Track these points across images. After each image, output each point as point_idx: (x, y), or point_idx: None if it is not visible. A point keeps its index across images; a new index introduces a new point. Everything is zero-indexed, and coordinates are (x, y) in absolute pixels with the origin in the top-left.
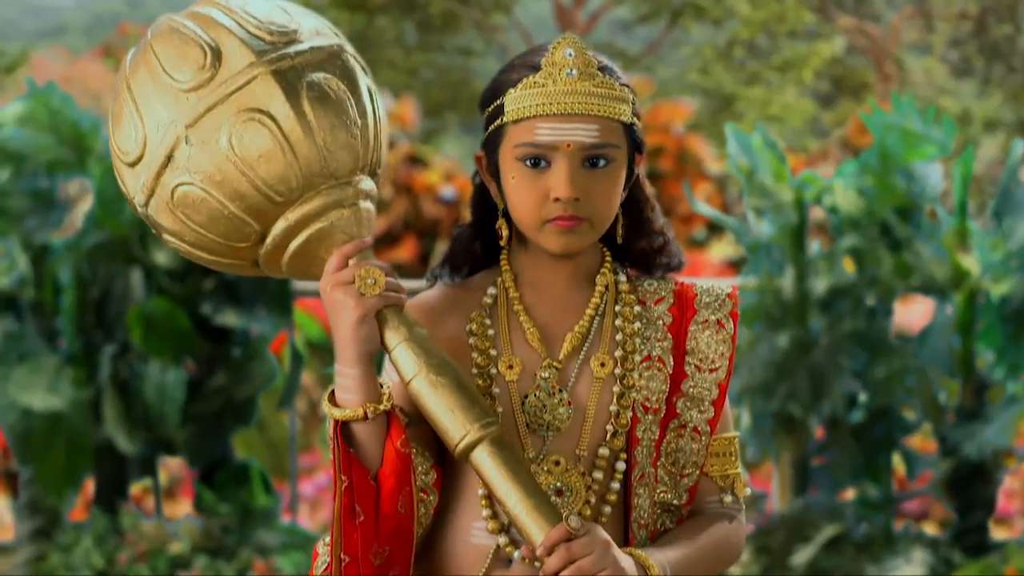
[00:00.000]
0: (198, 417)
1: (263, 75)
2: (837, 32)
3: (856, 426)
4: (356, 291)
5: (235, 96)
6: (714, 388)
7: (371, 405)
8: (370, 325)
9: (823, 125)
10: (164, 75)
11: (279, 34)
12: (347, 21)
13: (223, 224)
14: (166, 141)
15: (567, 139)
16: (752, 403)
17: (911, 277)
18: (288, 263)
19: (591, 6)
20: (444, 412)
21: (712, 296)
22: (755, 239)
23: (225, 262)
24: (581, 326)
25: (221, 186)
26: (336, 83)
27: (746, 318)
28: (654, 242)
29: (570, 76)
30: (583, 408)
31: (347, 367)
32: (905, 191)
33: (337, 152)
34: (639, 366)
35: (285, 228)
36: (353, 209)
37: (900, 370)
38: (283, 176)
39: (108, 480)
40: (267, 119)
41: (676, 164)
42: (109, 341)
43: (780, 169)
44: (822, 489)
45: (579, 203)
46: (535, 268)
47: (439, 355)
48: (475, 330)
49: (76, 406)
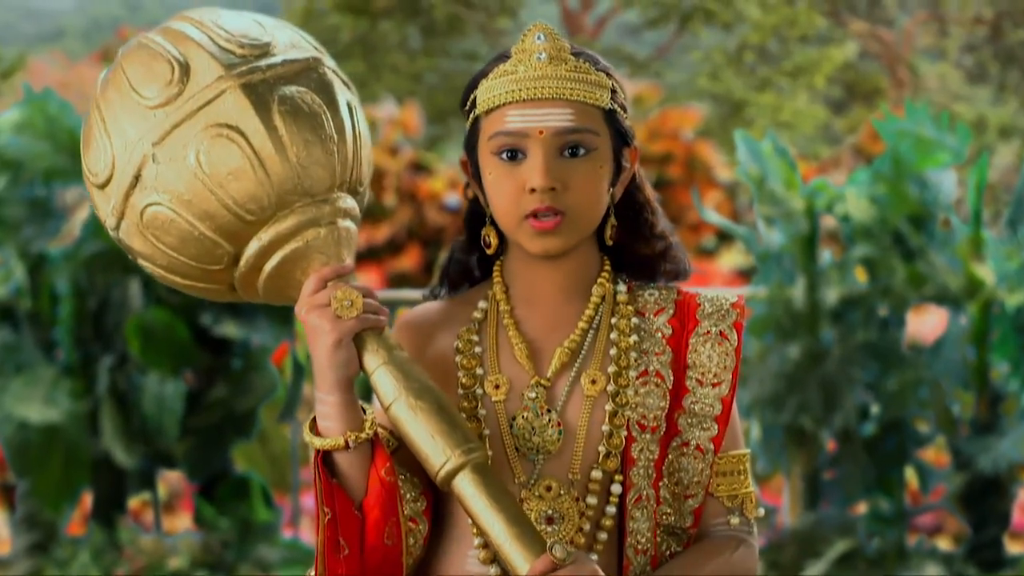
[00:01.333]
0: (197, 430)
1: (232, 89)
2: (849, 37)
3: (868, 439)
4: (332, 314)
5: (203, 111)
6: (717, 404)
7: (352, 433)
8: (348, 349)
9: (835, 132)
10: (132, 92)
11: (251, 47)
12: (350, 26)
13: (194, 246)
14: (133, 160)
15: (539, 125)
16: (762, 415)
17: (924, 287)
18: (264, 286)
19: (599, 10)
20: (424, 438)
21: (715, 306)
22: (765, 248)
23: (200, 286)
24: (572, 340)
25: (190, 206)
26: (311, 97)
27: (756, 329)
28: (656, 247)
29: (539, 60)
30: (573, 429)
31: (326, 393)
32: (918, 199)
33: (312, 168)
34: (634, 382)
35: (259, 249)
36: (330, 228)
37: (913, 382)
38: (254, 194)
39: (106, 494)
40: (236, 135)
41: (685, 171)
42: (107, 352)
43: (791, 177)
44: (834, 503)
45: (556, 194)
46: (527, 279)
47: (420, 379)
48: (462, 347)
49: (73, 418)
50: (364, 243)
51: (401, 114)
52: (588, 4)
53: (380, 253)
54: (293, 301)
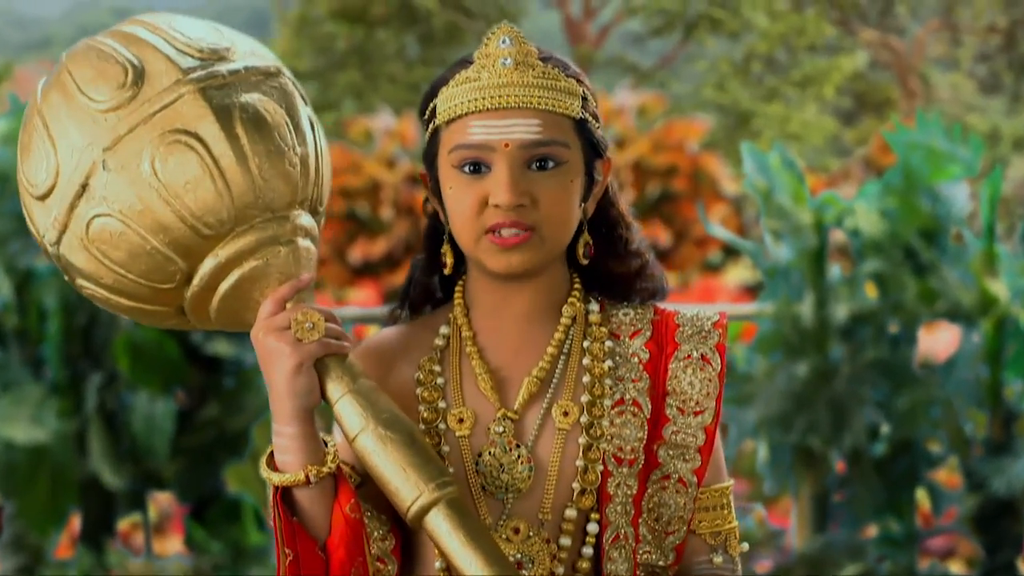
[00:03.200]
0: (188, 450)
1: (191, 93)
2: (859, 46)
3: (879, 459)
4: (292, 337)
5: (159, 116)
6: (700, 434)
7: (313, 468)
8: (308, 375)
9: (844, 143)
10: (79, 95)
11: (210, 51)
12: (346, 34)
13: (144, 261)
14: (81, 167)
15: (503, 137)
16: (770, 435)
17: (936, 303)
18: (218, 308)
19: (602, 18)
20: (394, 472)
21: (695, 327)
22: (773, 263)
23: (147, 308)
24: (540, 369)
25: (142, 217)
26: (273, 106)
27: (763, 346)
28: (631, 265)
29: (504, 66)
30: (545, 465)
31: (284, 425)
32: (930, 213)
33: (273, 182)
34: (609, 412)
35: (215, 267)
36: (291, 247)
37: (925, 401)
38: (212, 206)
39: (94, 516)
40: (195, 142)
41: (690, 184)
42: (96, 370)
43: (799, 190)
44: (843, 526)
45: (524, 210)
46: (490, 301)
47: (388, 408)
48: (423, 379)
49: (60, 438)
50: (360, 258)
51: (398, 125)
52: (591, 13)
53: (377, 268)
54: (248, 327)
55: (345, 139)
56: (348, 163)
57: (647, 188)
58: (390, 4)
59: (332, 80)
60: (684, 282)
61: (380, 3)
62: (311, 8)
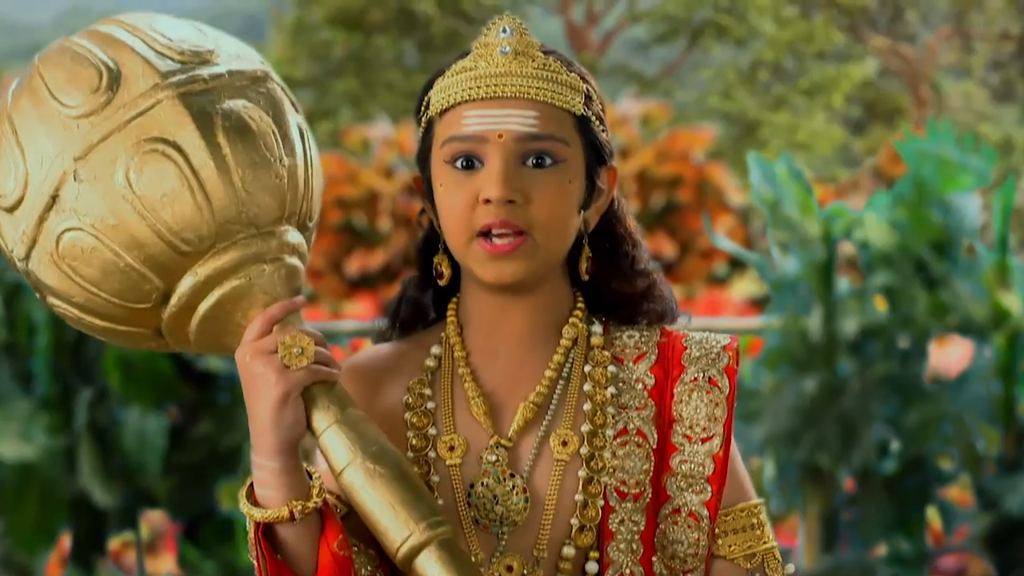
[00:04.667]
0: (181, 467)
1: (169, 99)
2: (869, 53)
3: (888, 477)
4: (279, 363)
5: (135, 123)
6: (708, 462)
7: (298, 503)
8: (295, 406)
9: (853, 153)
10: (51, 100)
11: (191, 54)
12: (343, 41)
13: (118, 279)
14: (51, 177)
15: (498, 127)
16: (776, 452)
17: (948, 317)
18: (197, 330)
19: (605, 25)
20: (383, 509)
21: (703, 349)
22: (780, 276)
23: (121, 330)
24: (538, 394)
25: (116, 231)
26: (259, 114)
27: (770, 361)
28: (637, 285)
29: (503, 54)
30: (541, 498)
31: (266, 459)
32: (941, 224)
33: (258, 195)
34: (612, 442)
35: (193, 286)
36: (276, 265)
37: (936, 417)
38: (191, 221)
39: (85, 534)
40: (173, 151)
41: (695, 195)
42: (86, 385)
43: (807, 201)
44: (852, 545)
45: (515, 208)
46: (485, 319)
47: (378, 440)
48: (412, 402)
49: (50, 455)
50: (357, 270)
51: (396, 134)
52: (594, 19)
53: (374, 281)
54: (230, 351)
55: (342, 148)
56: (345, 173)
57: (651, 199)
58: (388, 10)
59: (329, 88)
60: (689, 295)
61: (378, 9)
62: (307, 14)
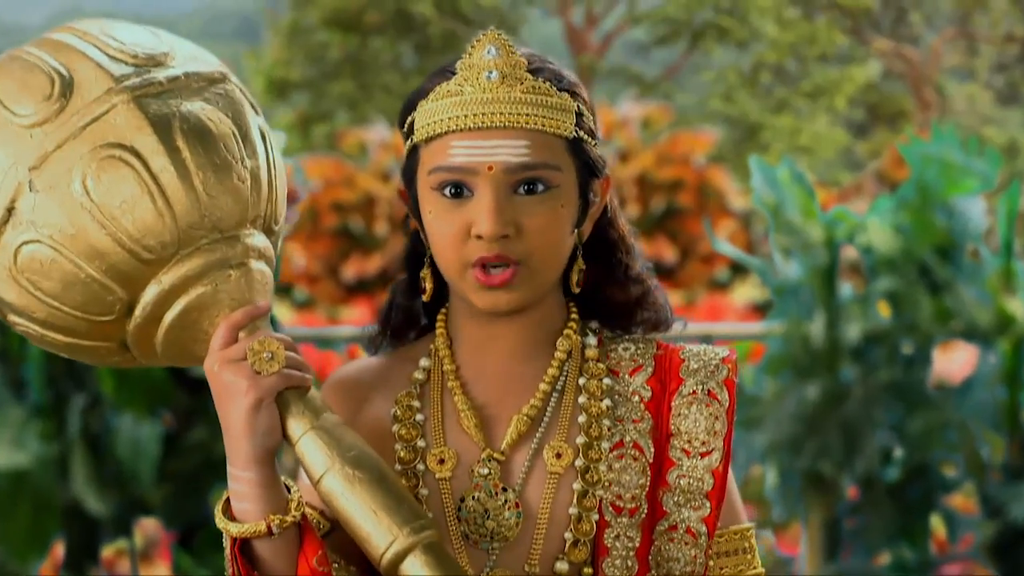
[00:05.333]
0: (175, 475)
1: (125, 103)
2: (872, 56)
3: (892, 485)
4: (250, 370)
5: (90, 129)
6: (708, 478)
7: (275, 517)
8: (268, 412)
9: (856, 157)
10: (2, 110)
11: (145, 57)
12: (339, 43)
13: (80, 292)
14: (5, 189)
15: (487, 159)
16: (779, 460)
17: (952, 322)
18: (164, 341)
19: (605, 27)
20: (364, 515)
21: (702, 361)
22: (782, 281)
23: (86, 344)
24: (531, 406)
25: (75, 242)
26: (218, 116)
27: (772, 367)
28: (631, 293)
29: (490, 80)
30: (534, 511)
31: (242, 470)
32: (945, 229)
33: (220, 199)
34: (608, 455)
35: (158, 295)
36: (242, 270)
37: (940, 424)
38: (153, 228)
39: (78, 543)
40: (131, 156)
41: (696, 199)
42: (79, 392)
43: (809, 205)
44: (855, 553)
45: (508, 241)
46: (475, 332)
47: (356, 445)
48: (400, 415)
49: (42, 462)
50: (354, 275)
51: (394, 137)
52: (593, 21)
53: (371, 286)
54: (199, 361)
55: (338, 152)
56: (341, 176)
57: (651, 203)
58: (385, 12)
59: (325, 90)
60: (690, 300)
61: (375, 11)
62: (303, 16)
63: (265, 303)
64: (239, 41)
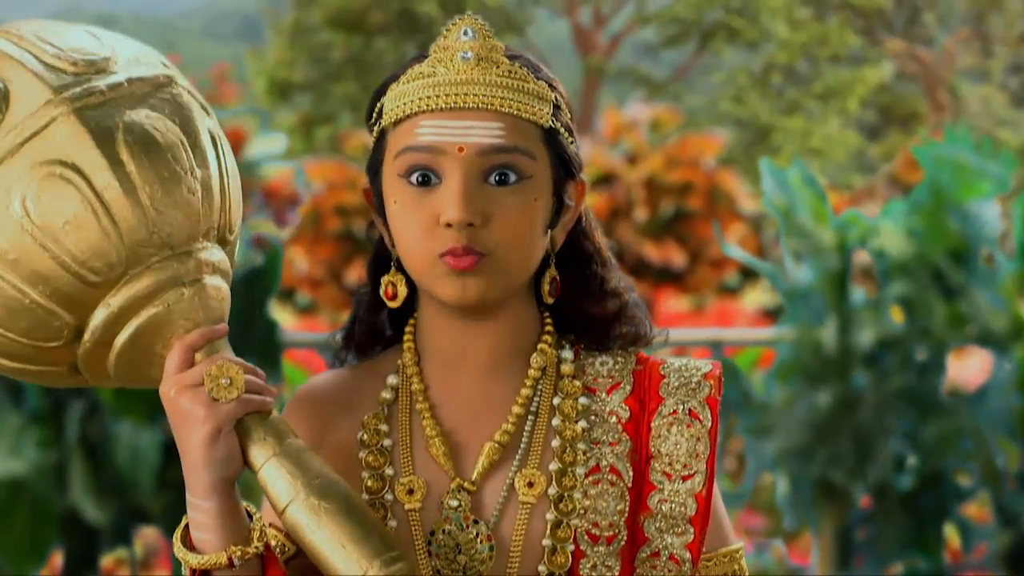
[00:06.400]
0: (175, 483)
1: (64, 116)
2: (885, 57)
3: (905, 493)
4: (207, 396)
5: (28, 146)
6: (690, 502)
7: (236, 548)
8: (227, 441)
9: (869, 159)
10: None
11: (85, 63)
12: (342, 43)
13: (24, 318)
14: None
15: (458, 140)
16: (789, 468)
17: (966, 328)
18: (116, 365)
19: (613, 27)
20: (332, 548)
21: (682, 378)
22: (793, 286)
23: (34, 369)
24: (503, 432)
25: (16, 266)
26: (164, 124)
27: (783, 374)
28: (607, 307)
29: (465, 60)
30: (507, 544)
31: (201, 499)
32: (959, 232)
33: (169, 212)
34: (583, 482)
35: (107, 318)
36: (196, 288)
37: (954, 431)
38: (98, 248)
39: (77, 552)
40: (72, 173)
41: (706, 202)
42: (77, 398)
43: (821, 208)
44: (867, 563)
45: (475, 231)
46: (445, 345)
47: (322, 472)
48: (367, 440)
49: (40, 470)
50: (357, 280)
51: None
52: (601, 21)
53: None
54: (155, 383)
55: (341, 154)
56: (344, 179)
57: (660, 206)
58: (389, 11)
59: (328, 92)
60: (699, 305)
61: (379, 10)
62: (306, 16)
63: (223, 326)
64: (240, 41)
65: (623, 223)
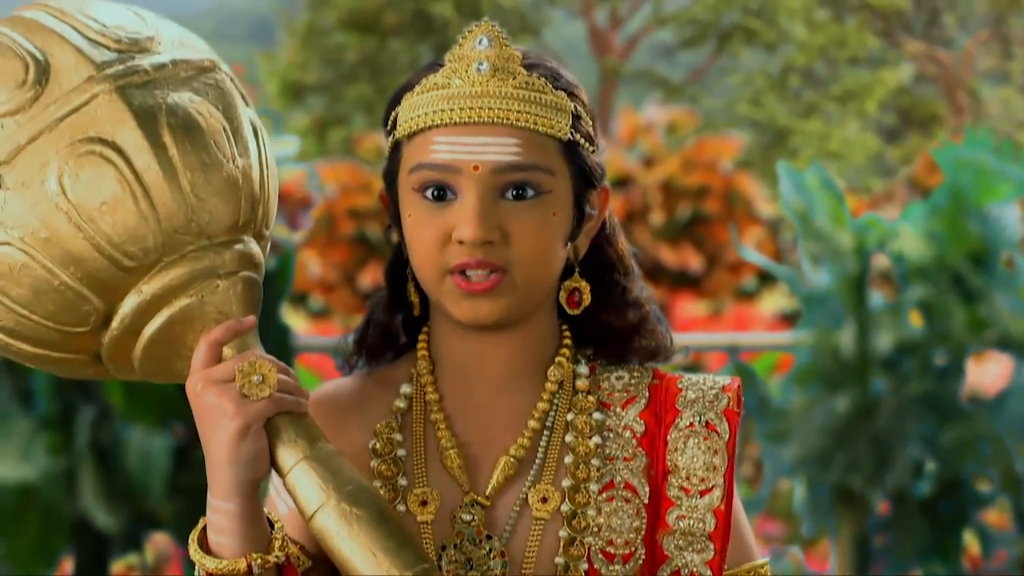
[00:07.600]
0: (186, 488)
1: (107, 93)
2: (904, 59)
3: (924, 499)
4: (237, 392)
5: (68, 121)
6: (709, 517)
7: (257, 556)
8: (255, 440)
9: (888, 162)
10: None
11: (129, 42)
12: (356, 44)
13: (52, 300)
14: None
15: (473, 158)
16: (807, 474)
17: (986, 332)
18: (142, 356)
19: (629, 28)
20: (363, 557)
21: (700, 391)
22: (811, 290)
23: (55, 356)
24: (519, 446)
25: (48, 245)
26: (208, 108)
27: (801, 379)
28: (628, 318)
29: (480, 72)
30: (520, 561)
31: (222, 500)
32: (979, 236)
33: (209, 200)
34: (596, 498)
35: (137, 306)
36: (232, 281)
37: (973, 437)
38: (135, 232)
39: (87, 558)
40: (112, 152)
41: (723, 206)
42: (88, 403)
43: (839, 212)
44: (886, 570)
45: (493, 248)
46: (460, 355)
47: (353, 478)
48: (380, 448)
49: (50, 476)
50: (371, 283)
51: None
52: (618, 22)
53: None
54: (180, 378)
55: (355, 156)
56: (358, 182)
57: (677, 209)
58: (403, 13)
59: (342, 94)
60: (716, 310)
61: (393, 12)
62: (319, 17)
63: (251, 319)
64: (253, 42)
65: (639, 227)
